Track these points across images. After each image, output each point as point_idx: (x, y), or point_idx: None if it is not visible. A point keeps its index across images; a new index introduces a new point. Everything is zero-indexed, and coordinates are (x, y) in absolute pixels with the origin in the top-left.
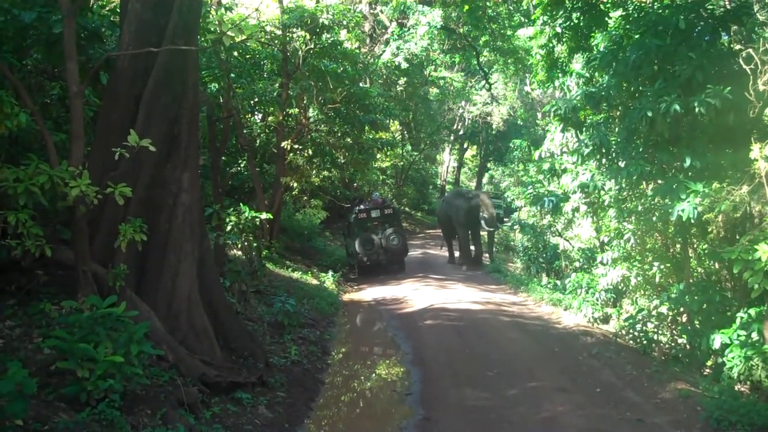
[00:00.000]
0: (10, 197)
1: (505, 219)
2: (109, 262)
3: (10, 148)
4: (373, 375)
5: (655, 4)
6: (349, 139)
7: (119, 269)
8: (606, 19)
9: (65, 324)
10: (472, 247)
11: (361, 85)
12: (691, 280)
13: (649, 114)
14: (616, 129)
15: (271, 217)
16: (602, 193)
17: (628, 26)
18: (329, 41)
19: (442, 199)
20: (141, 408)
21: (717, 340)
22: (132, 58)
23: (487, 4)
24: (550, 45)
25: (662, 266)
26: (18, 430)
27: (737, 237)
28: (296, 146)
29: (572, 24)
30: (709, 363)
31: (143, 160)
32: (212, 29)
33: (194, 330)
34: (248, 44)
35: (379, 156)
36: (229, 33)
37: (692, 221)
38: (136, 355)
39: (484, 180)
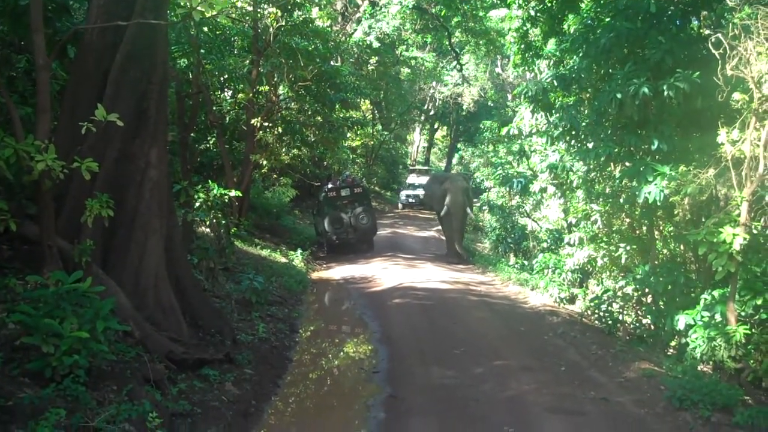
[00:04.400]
0: None
1: (474, 200)
2: (75, 238)
3: None
4: (341, 353)
5: None
6: (319, 118)
7: (85, 245)
8: (579, 2)
9: (30, 299)
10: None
11: (332, 63)
12: (656, 262)
13: (619, 96)
14: (586, 111)
15: (240, 194)
16: (570, 174)
17: (599, 9)
18: (301, 18)
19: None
20: (107, 384)
21: (681, 320)
22: (100, 31)
23: None
24: (524, 28)
25: (628, 247)
26: None
27: (703, 220)
28: (266, 124)
29: (546, 7)
30: (672, 343)
31: (111, 135)
32: (182, 3)
33: (161, 306)
34: (218, 20)
35: (349, 135)
36: (199, 8)
37: (659, 204)
38: (102, 331)
39: (454, 160)
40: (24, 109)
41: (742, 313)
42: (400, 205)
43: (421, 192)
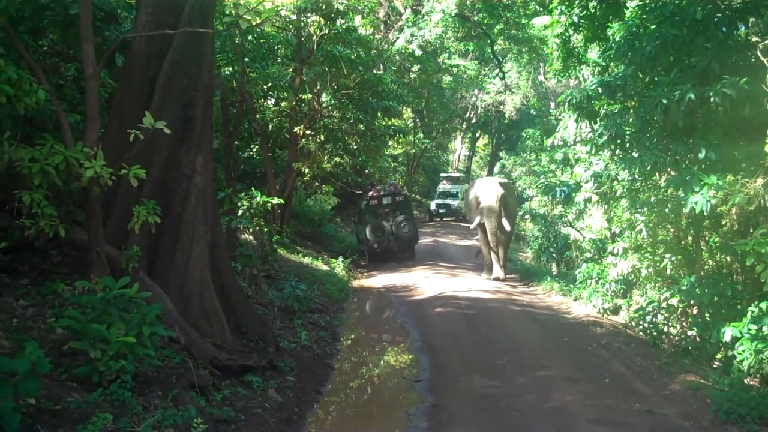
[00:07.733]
0: (25, 177)
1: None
2: (123, 244)
3: (26, 128)
4: (382, 361)
5: None
6: (361, 126)
7: (132, 251)
8: (623, 9)
9: (78, 304)
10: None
11: (374, 71)
12: (702, 273)
13: (665, 102)
14: (631, 119)
15: (283, 202)
16: (615, 183)
17: (644, 16)
18: (344, 27)
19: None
20: (152, 389)
21: (727, 333)
22: (148, 40)
23: None
24: (567, 34)
25: (673, 258)
26: (30, 409)
27: (750, 230)
28: (309, 132)
29: (589, 13)
30: (719, 356)
31: (158, 142)
32: (228, 12)
33: (206, 313)
34: (263, 28)
35: (391, 143)
36: (245, 16)
37: (705, 214)
38: (148, 336)
39: (496, 169)
40: (73, 117)
41: None
42: (431, 217)
43: (453, 201)
